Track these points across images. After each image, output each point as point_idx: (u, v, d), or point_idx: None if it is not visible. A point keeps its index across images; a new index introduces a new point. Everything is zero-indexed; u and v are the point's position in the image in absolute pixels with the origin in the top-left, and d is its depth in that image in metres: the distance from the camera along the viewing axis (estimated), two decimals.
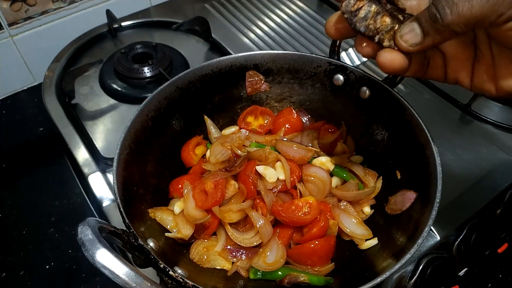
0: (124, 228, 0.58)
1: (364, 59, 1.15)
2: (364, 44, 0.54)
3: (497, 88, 0.51)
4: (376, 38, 0.52)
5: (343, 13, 0.52)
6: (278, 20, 1.29)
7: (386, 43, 0.52)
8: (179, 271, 0.59)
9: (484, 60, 0.52)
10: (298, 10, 1.32)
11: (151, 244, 0.61)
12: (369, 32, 0.52)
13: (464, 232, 0.83)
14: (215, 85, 0.82)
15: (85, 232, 0.47)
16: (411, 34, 0.49)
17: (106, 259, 0.46)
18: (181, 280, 0.53)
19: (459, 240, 0.83)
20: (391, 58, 0.51)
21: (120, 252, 0.60)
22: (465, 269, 0.89)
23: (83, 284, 0.86)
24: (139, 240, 0.57)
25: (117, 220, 0.82)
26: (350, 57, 1.17)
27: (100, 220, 0.53)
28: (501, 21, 0.43)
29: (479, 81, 0.52)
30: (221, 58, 0.81)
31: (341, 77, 0.80)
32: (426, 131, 0.68)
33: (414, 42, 0.49)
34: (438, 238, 0.81)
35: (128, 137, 0.69)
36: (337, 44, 0.81)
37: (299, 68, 0.83)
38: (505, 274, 0.90)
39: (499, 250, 0.86)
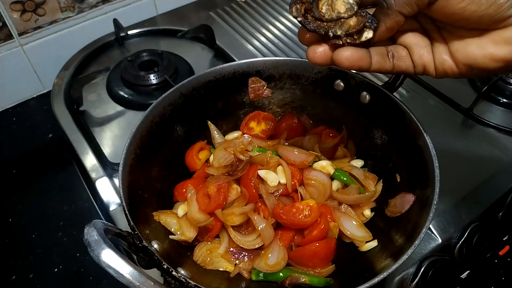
0: (130, 230, 0.60)
1: None
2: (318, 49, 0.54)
3: (457, 65, 0.52)
4: (331, 33, 0.51)
5: (295, 17, 0.52)
6: (282, 27, 1.30)
7: (339, 32, 0.51)
8: (182, 271, 0.61)
9: (438, 43, 0.54)
10: None
11: (155, 246, 0.62)
12: (321, 30, 0.51)
13: (466, 234, 0.83)
14: (218, 91, 0.84)
15: (91, 233, 0.49)
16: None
17: (111, 259, 0.47)
18: (183, 280, 0.55)
19: (461, 242, 0.83)
20: (348, 53, 0.52)
21: (125, 254, 0.61)
22: (467, 271, 0.90)
23: (91, 287, 0.88)
24: (144, 241, 0.58)
25: (123, 224, 0.83)
26: None
27: (106, 222, 0.55)
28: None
29: (440, 62, 0.53)
30: (224, 65, 0.83)
31: (341, 83, 0.81)
32: (425, 134, 0.69)
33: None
34: (440, 240, 0.81)
35: (133, 142, 0.71)
36: None
37: (301, 74, 0.84)
38: (507, 276, 0.90)
39: (501, 253, 0.86)
